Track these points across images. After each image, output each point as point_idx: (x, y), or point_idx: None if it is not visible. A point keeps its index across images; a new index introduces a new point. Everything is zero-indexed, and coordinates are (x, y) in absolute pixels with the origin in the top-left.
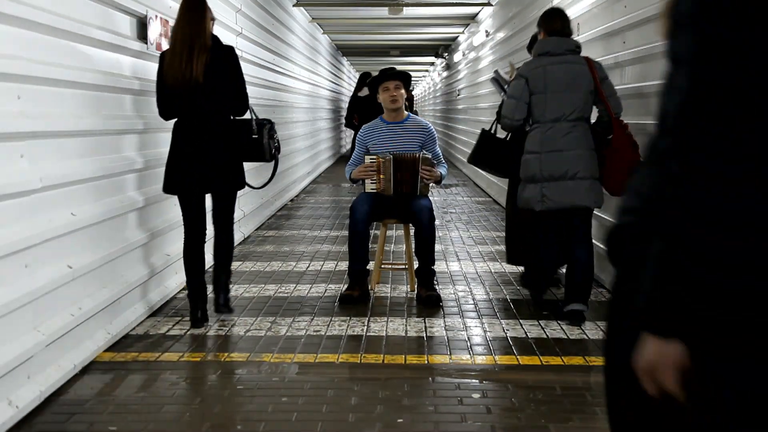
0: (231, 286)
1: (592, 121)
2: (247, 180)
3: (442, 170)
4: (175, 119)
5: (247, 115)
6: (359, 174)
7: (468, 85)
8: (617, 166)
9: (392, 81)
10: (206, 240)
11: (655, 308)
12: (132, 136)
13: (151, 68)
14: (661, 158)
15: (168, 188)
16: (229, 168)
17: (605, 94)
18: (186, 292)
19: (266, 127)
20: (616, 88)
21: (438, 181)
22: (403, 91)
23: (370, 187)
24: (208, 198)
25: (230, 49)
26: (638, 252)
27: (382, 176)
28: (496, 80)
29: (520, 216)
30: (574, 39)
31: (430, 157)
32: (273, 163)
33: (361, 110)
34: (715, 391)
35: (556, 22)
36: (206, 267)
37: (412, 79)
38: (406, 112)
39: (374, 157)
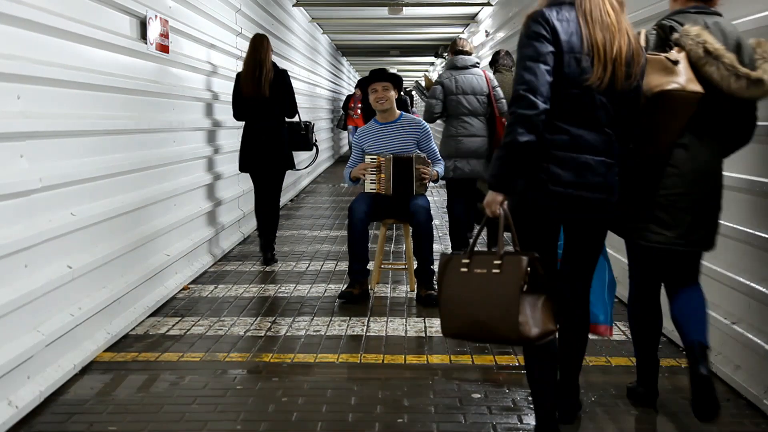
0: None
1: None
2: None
3: (439, 168)
4: (244, 121)
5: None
6: (359, 172)
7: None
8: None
9: (380, 83)
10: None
11: (493, 179)
12: (132, 136)
13: (151, 68)
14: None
15: (242, 168)
16: (282, 155)
17: (495, 98)
18: (258, 240)
19: (310, 126)
20: None
21: (435, 180)
22: (392, 92)
23: (369, 187)
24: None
25: (284, 72)
26: None
27: (382, 176)
28: (418, 88)
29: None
30: (474, 58)
31: (424, 156)
32: (314, 150)
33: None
34: (512, 208)
35: (460, 46)
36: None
37: (412, 79)
38: (398, 111)
39: (374, 156)
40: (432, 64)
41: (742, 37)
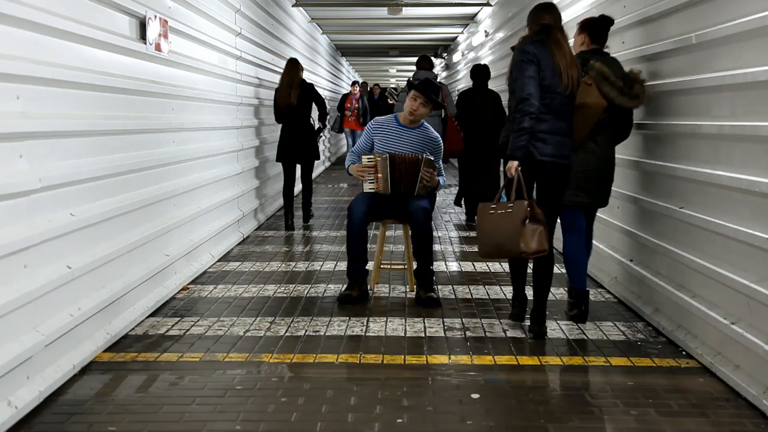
0: (311, 209)
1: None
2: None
3: (441, 180)
4: (282, 123)
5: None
6: (357, 173)
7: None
8: (447, 140)
9: (424, 97)
10: (295, 185)
11: (511, 152)
12: (131, 136)
13: (151, 68)
14: (510, 118)
15: (278, 159)
16: (309, 148)
17: (446, 102)
18: (284, 214)
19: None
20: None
21: (435, 187)
22: (426, 110)
23: (368, 187)
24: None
25: (311, 85)
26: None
27: (379, 175)
28: (390, 93)
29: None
30: (435, 72)
31: (433, 159)
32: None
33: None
34: (523, 171)
35: (423, 63)
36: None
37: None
38: (421, 121)
39: (371, 156)
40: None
41: (623, 68)
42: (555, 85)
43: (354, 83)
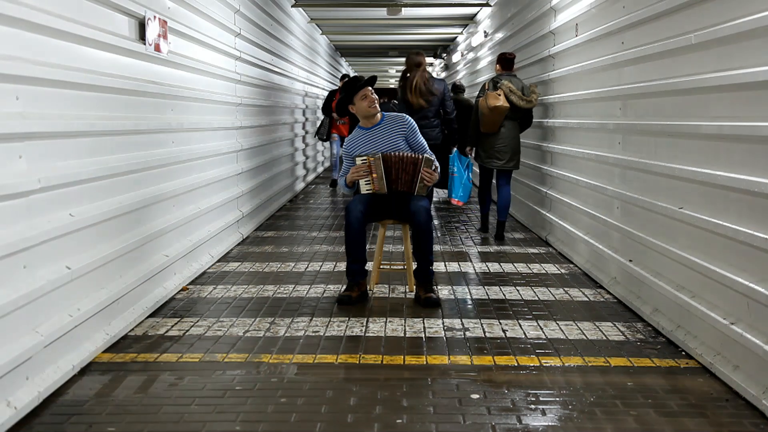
0: None
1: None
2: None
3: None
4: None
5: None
6: (353, 176)
7: (467, 86)
8: None
9: (367, 88)
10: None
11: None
12: (130, 136)
13: (150, 69)
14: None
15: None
16: None
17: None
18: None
19: None
20: (615, 88)
21: (435, 183)
22: (376, 96)
23: (365, 188)
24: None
25: None
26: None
27: (374, 175)
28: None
29: None
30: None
31: (433, 160)
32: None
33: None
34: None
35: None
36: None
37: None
38: (379, 114)
39: (364, 157)
40: (431, 64)
41: (525, 83)
42: (409, 106)
43: (343, 77)
